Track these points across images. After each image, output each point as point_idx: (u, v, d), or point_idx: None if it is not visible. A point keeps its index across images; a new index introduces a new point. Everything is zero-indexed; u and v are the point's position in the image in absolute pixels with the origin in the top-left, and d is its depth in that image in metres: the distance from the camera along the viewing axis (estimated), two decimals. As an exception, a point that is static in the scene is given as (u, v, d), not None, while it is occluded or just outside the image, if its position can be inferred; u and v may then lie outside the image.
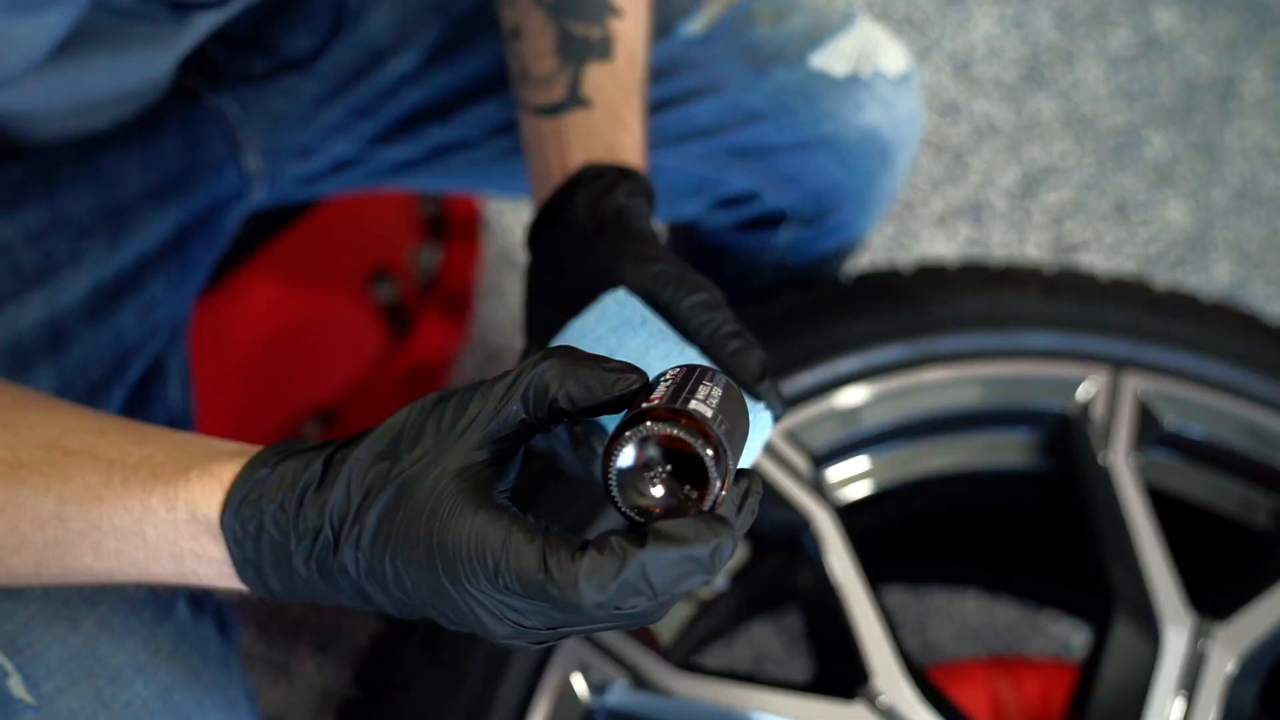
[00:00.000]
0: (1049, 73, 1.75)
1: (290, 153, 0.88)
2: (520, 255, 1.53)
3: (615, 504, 0.48)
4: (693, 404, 0.48)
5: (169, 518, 0.53)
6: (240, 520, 0.52)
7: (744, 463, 0.62)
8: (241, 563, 0.53)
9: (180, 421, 0.83)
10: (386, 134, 0.90)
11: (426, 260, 1.29)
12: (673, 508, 0.48)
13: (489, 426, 0.49)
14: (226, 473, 0.53)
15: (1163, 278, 1.61)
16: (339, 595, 0.52)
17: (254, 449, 0.54)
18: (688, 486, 0.48)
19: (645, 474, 0.48)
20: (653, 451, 0.48)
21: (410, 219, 1.30)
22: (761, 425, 0.61)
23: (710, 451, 0.47)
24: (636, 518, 0.48)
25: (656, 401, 0.48)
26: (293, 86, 0.87)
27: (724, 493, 0.48)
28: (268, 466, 0.52)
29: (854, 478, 0.92)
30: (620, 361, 0.50)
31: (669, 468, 0.48)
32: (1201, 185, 1.69)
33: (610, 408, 0.50)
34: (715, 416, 0.48)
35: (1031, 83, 1.74)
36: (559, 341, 0.62)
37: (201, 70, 0.85)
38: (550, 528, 0.48)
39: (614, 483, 0.48)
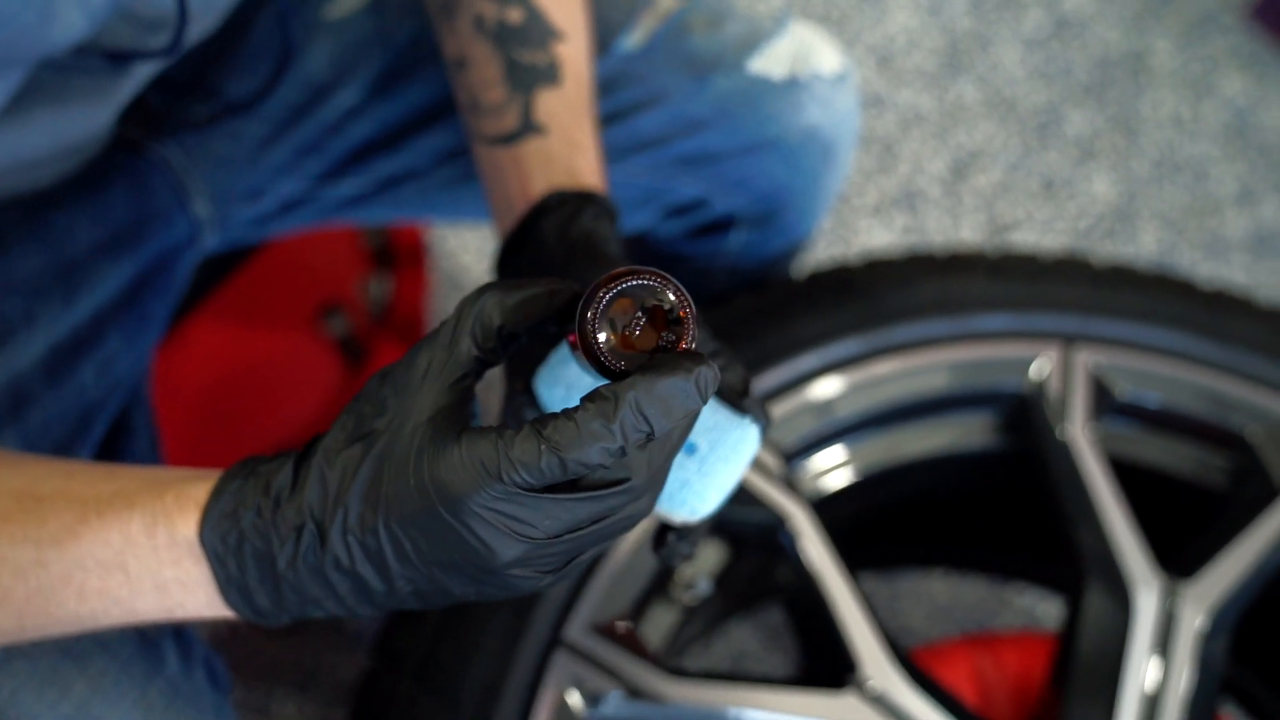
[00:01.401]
0: (967, 59, 1.79)
1: (239, 196, 0.88)
2: (467, 278, 1.53)
3: (600, 357, 0.49)
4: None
5: (149, 545, 0.53)
6: (220, 534, 0.52)
7: (733, 476, 0.63)
8: (225, 582, 0.52)
9: (149, 474, 0.82)
10: (334, 170, 0.90)
11: (376, 290, 1.29)
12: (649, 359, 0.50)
13: (445, 370, 0.50)
14: (200, 492, 0.53)
15: (1095, 251, 1.65)
16: (331, 599, 0.52)
17: (223, 471, 0.54)
18: (661, 336, 0.49)
19: (618, 331, 0.49)
20: (623, 310, 0.49)
21: (356, 251, 1.30)
22: (749, 439, 0.62)
23: (681, 294, 0.49)
24: (620, 368, 0.49)
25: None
26: (236, 129, 0.86)
27: (696, 331, 0.50)
28: (240, 478, 0.52)
29: (825, 471, 0.93)
30: (551, 277, 0.52)
31: (641, 320, 0.49)
32: (1122, 158, 1.73)
33: (553, 321, 0.52)
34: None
35: (951, 70, 1.78)
36: (545, 371, 0.63)
37: (142, 120, 0.85)
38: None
39: (598, 342, 0.49)
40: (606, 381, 0.49)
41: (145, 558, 0.53)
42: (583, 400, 0.47)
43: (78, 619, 0.55)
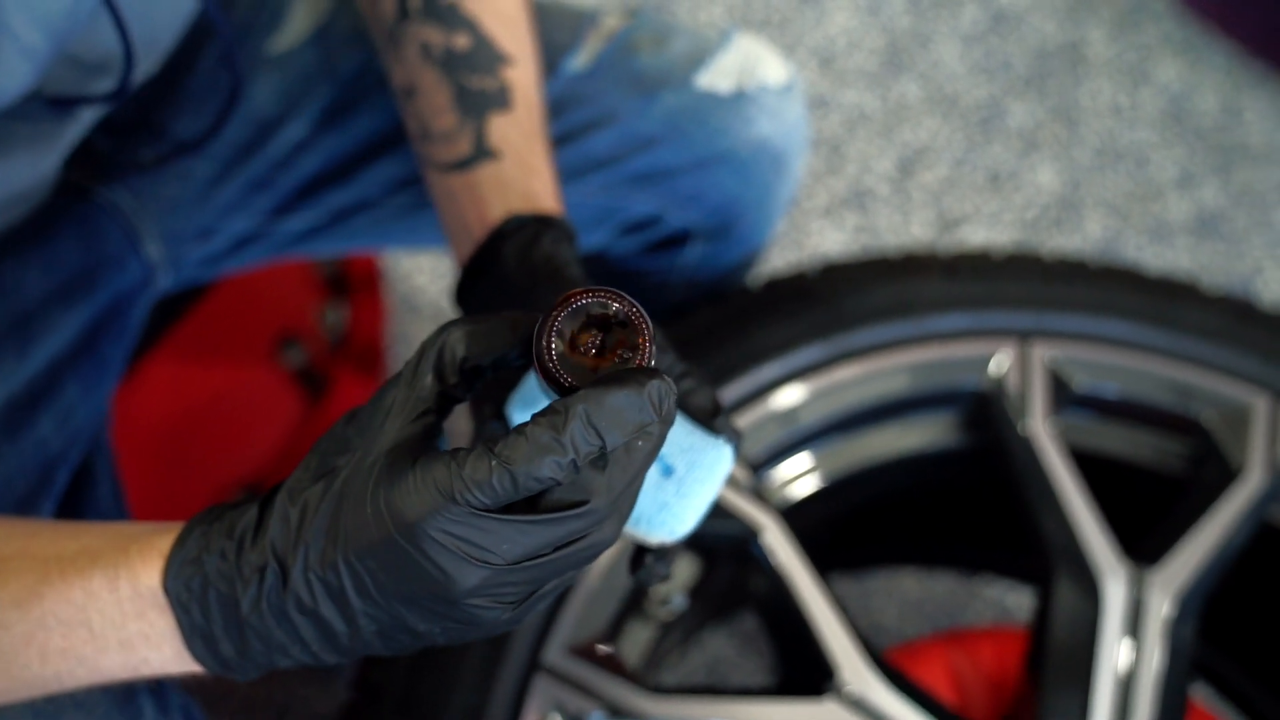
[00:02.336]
0: (908, 57, 1.81)
1: (190, 236, 0.87)
2: (423, 300, 1.52)
3: (555, 375, 0.49)
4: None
5: (112, 598, 0.52)
6: (184, 580, 0.51)
7: (709, 496, 0.63)
8: (190, 631, 0.52)
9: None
10: (286, 204, 0.89)
11: (333, 319, 1.28)
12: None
13: (408, 406, 0.50)
14: (164, 542, 0.53)
15: (1042, 241, 1.67)
16: (296, 644, 0.51)
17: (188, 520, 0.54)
18: (619, 354, 0.50)
19: (576, 350, 0.50)
20: (579, 327, 0.50)
21: (310, 281, 1.29)
22: (724, 459, 0.63)
23: (636, 311, 0.49)
24: (573, 385, 0.49)
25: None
26: (185, 170, 0.86)
27: (652, 354, 0.50)
28: (204, 524, 0.52)
29: (793, 479, 0.94)
30: (513, 310, 0.52)
31: (598, 339, 0.50)
32: (1064, 148, 1.76)
33: (517, 352, 0.51)
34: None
35: (893, 68, 1.80)
36: (517, 397, 0.63)
37: (89, 164, 0.84)
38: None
39: (553, 358, 0.49)
40: None
41: (109, 612, 0.52)
42: (534, 416, 0.47)
43: (42, 681, 0.55)
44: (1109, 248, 1.68)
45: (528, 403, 0.64)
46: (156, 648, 0.53)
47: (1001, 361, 0.94)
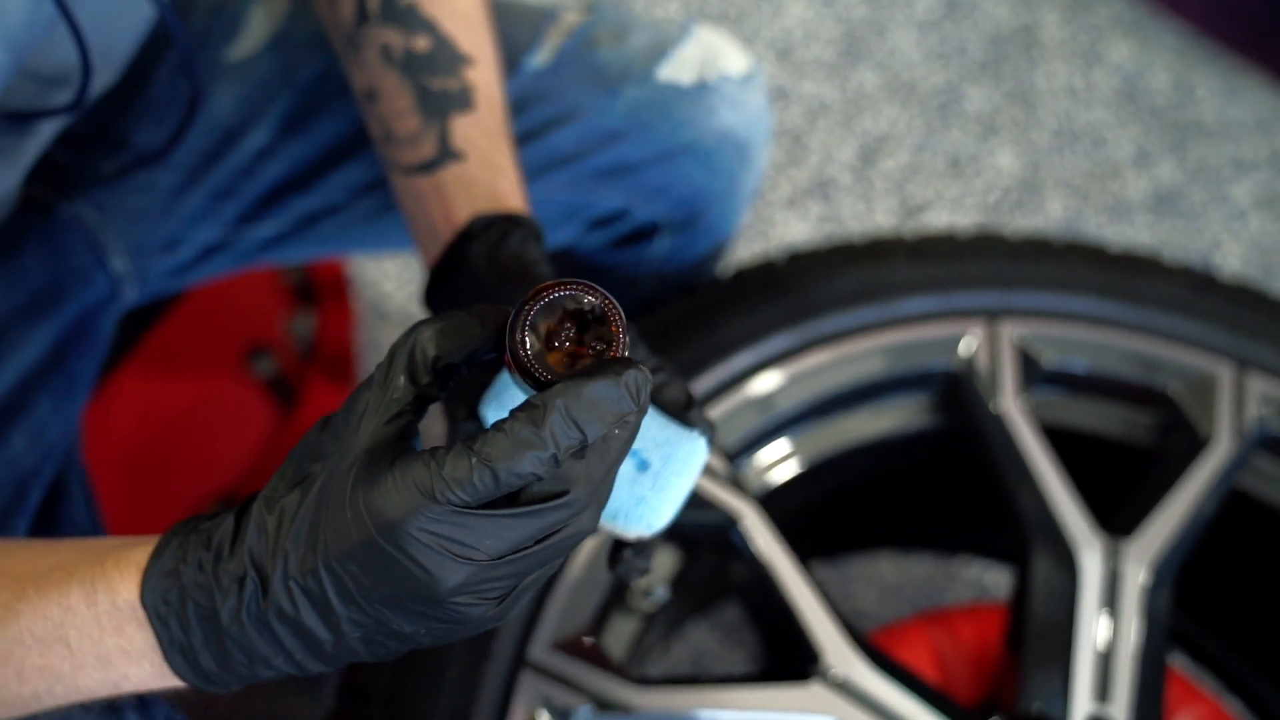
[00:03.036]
0: (865, 46, 1.82)
1: (155, 247, 0.87)
2: (390, 305, 1.52)
3: (530, 369, 0.49)
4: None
5: (90, 614, 0.52)
6: (161, 593, 0.51)
7: (685, 489, 0.64)
8: (169, 645, 0.51)
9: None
10: (251, 212, 0.89)
11: (302, 328, 1.27)
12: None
13: (381, 408, 0.50)
14: (141, 555, 0.52)
15: (1005, 224, 1.69)
16: (279, 655, 0.51)
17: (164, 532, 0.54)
18: (592, 347, 0.50)
19: (549, 344, 0.50)
20: (552, 321, 0.50)
21: (278, 290, 1.29)
22: (699, 451, 0.63)
23: (608, 302, 0.49)
24: (549, 379, 0.49)
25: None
26: (148, 181, 0.85)
27: (626, 339, 0.50)
28: (181, 535, 0.52)
29: (769, 466, 0.94)
30: (482, 304, 0.52)
31: (571, 332, 0.50)
32: (1022, 130, 1.77)
33: (488, 347, 0.52)
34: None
35: (851, 58, 1.81)
36: (491, 395, 0.63)
37: (50, 179, 0.83)
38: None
39: (527, 353, 0.49)
40: None
41: (86, 628, 0.52)
42: (512, 412, 0.47)
43: (20, 701, 0.54)
44: (1070, 227, 1.69)
45: (502, 400, 0.64)
46: (136, 663, 0.53)
47: (971, 342, 0.95)
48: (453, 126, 0.74)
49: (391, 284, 1.53)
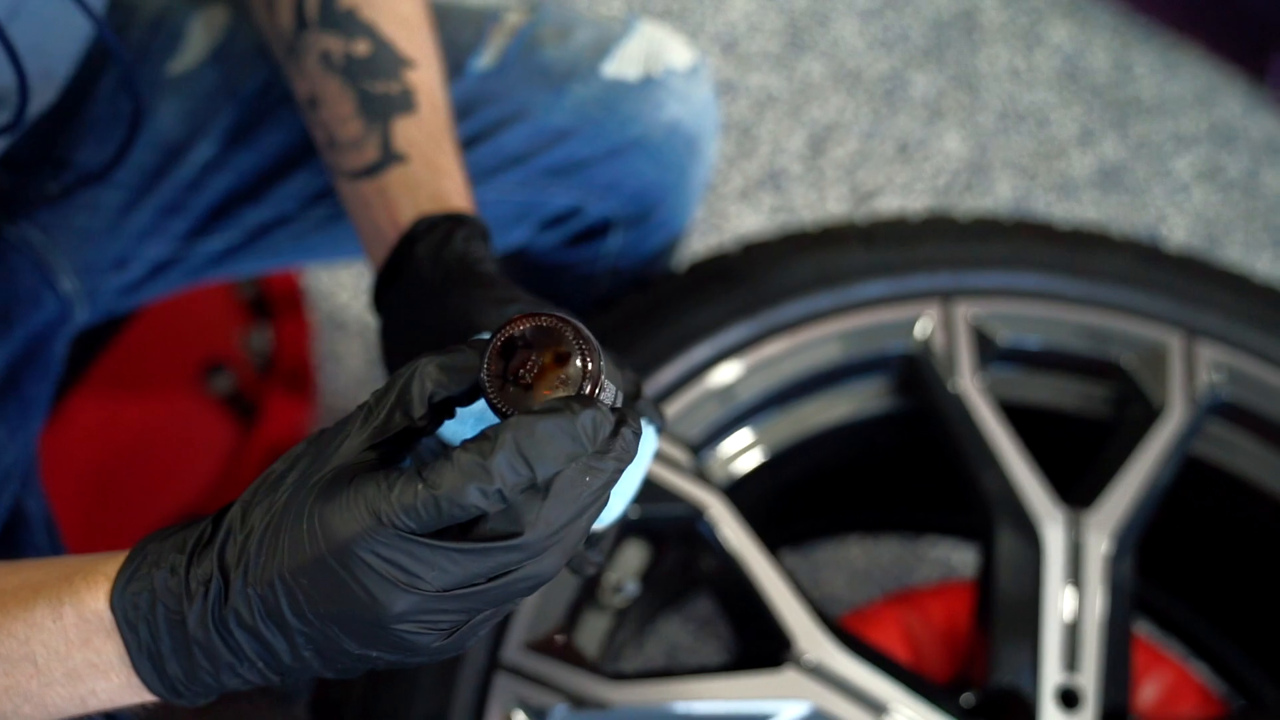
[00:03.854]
0: (809, 36, 1.83)
1: (105, 266, 0.86)
2: (347, 316, 1.51)
3: (491, 401, 0.49)
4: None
5: (57, 628, 0.51)
6: (131, 597, 0.50)
7: (635, 480, 0.64)
8: (138, 652, 0.51)
9: (51, 563, 0.79)
10: (201, 227, 0.88)
11: (258, 343, 1.27)
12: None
13: (368, 432, 0.50)
14: (111, 567, 0.52)
15: (956, 205, 1.70)
16: (242, 662, 0.50)
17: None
18: (559, 379, 0.49)
19: (516, 376, 0.49)
20: (522, 354, 0.49)
21: (232, 305, 1.28)
22: (648, 441, 0.63)
23: (574, 331, 0.49)
24: (508, 411, 0.49)
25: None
26: (94, 200, 0.84)
27: (597, 385, 0.49)
28: (156, 541, 0.52)
29: (733, 456, 0.95)
30: (481, 338, 0.51)
31: (539, 363, 0.49)
32: (968, 114, 1.79)
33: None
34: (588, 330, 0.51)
35: (796, 49, 1.82)
36: (461, 416, 0.62)
37: (-8, 202, 0.82)
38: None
39: (485, 385, 0.49)
40: None
41: (53, 643, 0.51)
42: (464, 442, 0.47)
43: None
44: (1019, 207, 1.71)
45: (469, 423, 0.64)
46: (104, 675, 0.52)
47: (926, 323, 0.95)
48: (395, 129, 0.74)
49: (347, 294, 1.53)
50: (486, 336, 0.52)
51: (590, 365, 0.49)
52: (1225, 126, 1.81)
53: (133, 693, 0.53)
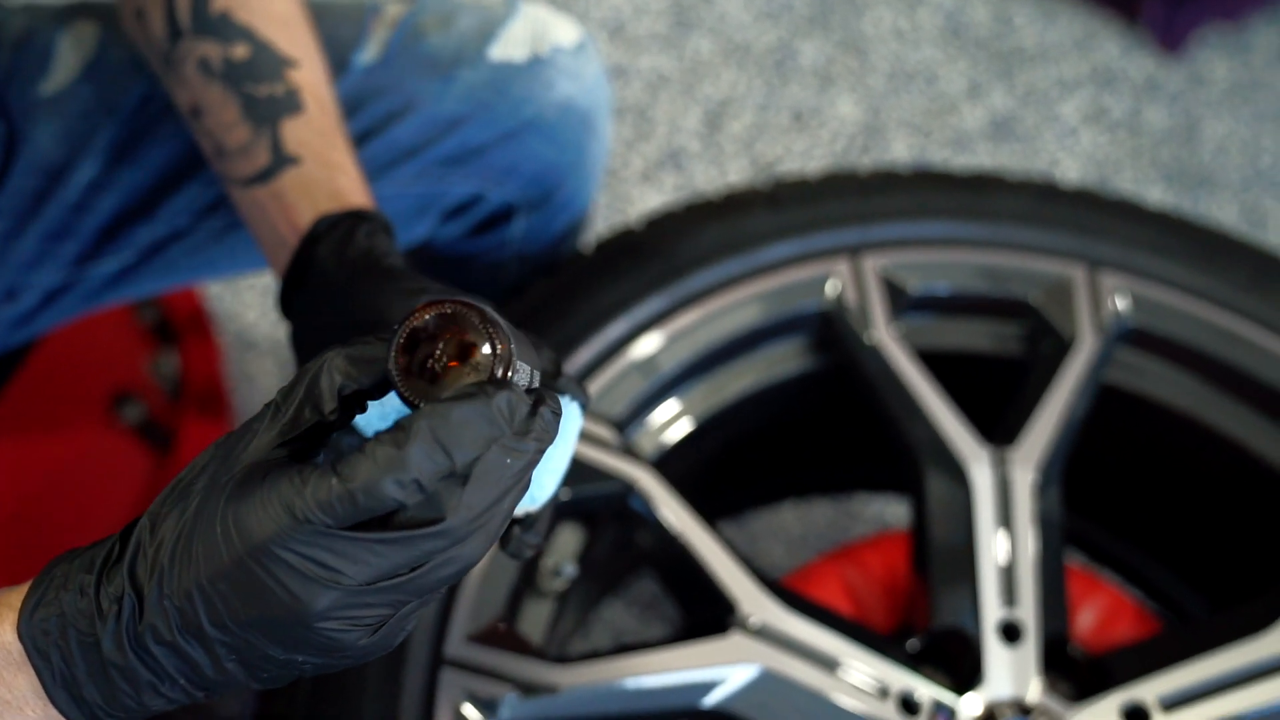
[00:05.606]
0: (694, 14, 1.84)
1: (-6, 299, 0.83)
2: (256, 335, 1.48)
3: (400, 392, 0.48)
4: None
5: None
6: (40, 624, 0.49)
7: (564, 458, 0.63)
8: (51, 681, 0.49)
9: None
10: (92, 249, 0.85)
11: (166, 368, 1.23)
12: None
13: (276, 431, 0.48)
14: (17, 598, 0.50)
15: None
16: (164, 680, 0.49)
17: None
18: (471, 364, 0.49)
19: (427, 366, 0.49)
20: (429, 343, 0.49)
21: (134, 332, 1.24)
22: (573, 418, 0.63)
23: (487, 321, 0.48)
24: (417, 401, 0.48)
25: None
26: (-27, 230, 0.82)
27: (509, 368, 0.49)
28: (63, 564, 0.50)
29: (659, 429, 0.95)
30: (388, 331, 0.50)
31: (447, 352, 0.49)
32: (858, 77, 1.81)
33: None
34: (495, 313, 0.50)
35: (683, 27, 1.82)
36: (372, 407, 0.61)
37: None
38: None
39: (394, 375, 0.48)
40: None
41: None
42: (377, 434, 0.46)
43: None
44: (917, 164, 1.73)
45: (382, 410, 0.63)
46: (18, 711, 0.50)
47: (837, 280, 0.96)
48: (284, 131, 0.73)
49: (254, 313, 1.50)
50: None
51: (499, 348, 0.49)
52: (1105, 69, 1.86)
53: None
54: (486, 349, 0.49)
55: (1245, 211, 1.74)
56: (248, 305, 1.50)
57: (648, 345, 0.92)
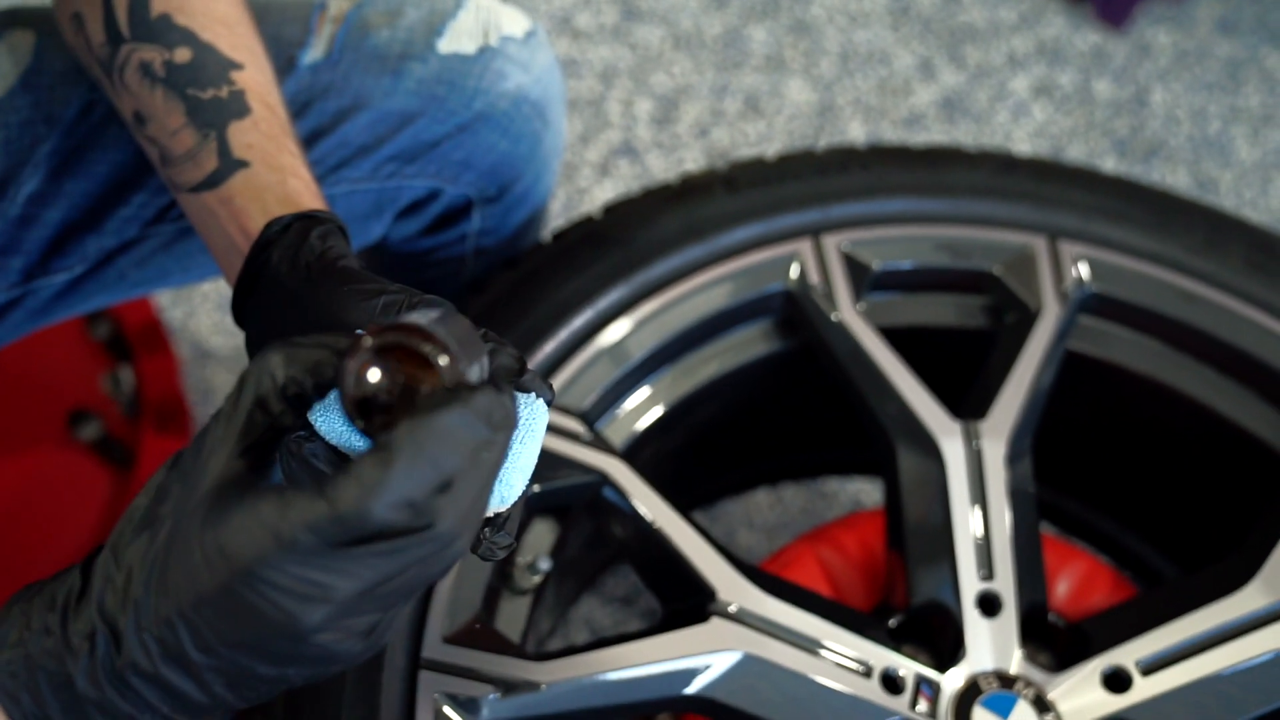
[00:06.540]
0: (643, 4, 1.83)
1: (-60, 318, 0.81)
2: (212, 345, 1.46)
3: (354, 420, 0.48)
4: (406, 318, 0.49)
5: None
6: (6, 665, 0.47)
7: (532, 456, 0.62)
8: None
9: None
10: (40, 263, 0.83)
11: (124, 383, 1.21)
12: None
13: (231, 441, 0.47)
14: None
15: (810, 152, 1.72)
16: (144, 712, 0.48)
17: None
18: (427, 380, 0.48)
19: (381, 404, 0.48)
20: (379, 371, 0.48)
21: (87, 348, 1.22)
22: (538, 415, 0.62)
23: (418, 339, 0.48)
24: (371, 429, 0.48)
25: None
26: (-84, 249, 0.79)
27: (467, 370, 0.48)
28: (22, 603, 0.48)
29: (628, 419, 0.94)
30: (334, 334, 0.50)
31: (398, 384, 0.48)
32: (810, 61, 1.81)
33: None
34: (430, 323, 0.49)
35: (631, 18, 1.81)
36: (321, 407, 0.60)
37: None
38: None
39: (355, 401, 0.48)
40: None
41: None
42: (361, 455, 0.45)
43: None
44: (873, 142, 1.73)
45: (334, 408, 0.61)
46: None
47: (800, 261, 0.96)
48: (230, 135, 0.71)
49: (208, 325, 1.47)
50: (359, 333, 0.51)
51: (448, 360, 0.48)
52: (1053, 43, 1.87)
53: None
54: (443, 360, 0.48)
55: (1196, 178, 1.75)
56: (202, 315, 1.47)
57: (613, 335, 0.91)
